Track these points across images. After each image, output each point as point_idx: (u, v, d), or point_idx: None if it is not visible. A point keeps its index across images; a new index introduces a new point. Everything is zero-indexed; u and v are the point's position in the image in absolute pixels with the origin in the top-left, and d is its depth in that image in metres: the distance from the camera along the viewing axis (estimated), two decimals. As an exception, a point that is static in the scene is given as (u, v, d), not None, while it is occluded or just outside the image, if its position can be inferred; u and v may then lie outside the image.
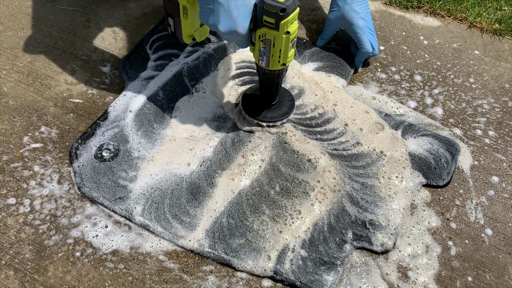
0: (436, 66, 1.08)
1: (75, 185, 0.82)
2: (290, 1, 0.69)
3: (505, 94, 1.04)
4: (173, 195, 0.82)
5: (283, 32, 0.71)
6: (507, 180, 0.90)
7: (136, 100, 0.93)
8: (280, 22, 0.70)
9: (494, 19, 1.17)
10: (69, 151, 0.86)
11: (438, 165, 0.89)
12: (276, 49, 0.74)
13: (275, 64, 0.77)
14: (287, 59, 0.76)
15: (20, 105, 0.92)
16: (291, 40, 0.73)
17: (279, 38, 0.72)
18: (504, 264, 0.80)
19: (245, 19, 0.71)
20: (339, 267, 0.75)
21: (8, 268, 0.73)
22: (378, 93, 1.01)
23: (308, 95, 0.98)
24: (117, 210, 0.79)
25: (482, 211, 0.85)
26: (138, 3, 1.15)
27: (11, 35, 1.04)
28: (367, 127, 0.93)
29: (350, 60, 1.06)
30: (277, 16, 0.69)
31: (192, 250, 0.76)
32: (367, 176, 0.86)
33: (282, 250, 0.76)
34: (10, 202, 0.80)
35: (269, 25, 0.71)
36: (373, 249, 0.78)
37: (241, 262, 0.75)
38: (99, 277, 0.73)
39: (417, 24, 1.18)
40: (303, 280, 0.74)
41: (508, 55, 1.13)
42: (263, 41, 0.74)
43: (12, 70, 0.98)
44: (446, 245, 0.81)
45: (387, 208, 0.82)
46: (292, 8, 0.69)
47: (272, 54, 0.75)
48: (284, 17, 0.69)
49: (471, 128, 0.97)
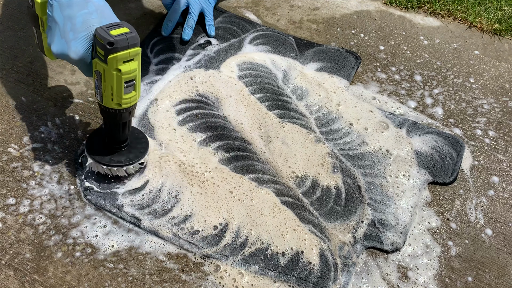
0: (436, 66, 1.08)
1: (81, 192, 0.82)
2: (123, 37, 0.64)
3: (505, 94, 1.04)
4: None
5: (112, 68, 0.66)
6: (507, 180, 0.90)
7: (139, 106, 0.93)
8: (108, 56, 0.65)
9: (494, 19, 1.17)
10: (73, 157, 0.86)
11: (444, 162, 0.89)
12: (107, 84, 0.69)
13: (109, 101, 0.71)
14: (121, 100, 0.70)
15: (20, 105, 0.92)
16: (124, 80, 0.68)
17: (109, 73, 0.67)
18: (504, 264, 0.79)
19: (81, 44, 0.66)
20: (351, 267, 0.76)
21: (8, 268, 0.73)
22: (378, 93, 1.01)
23: (312, 95, 0.98)
24: (125, 217, 0.79)
25: (482, 211, 0.85)
26: (138, 3, 1.15)
27: (11, 35, 1.04)
28: (372, 126, 0.93)
29: (351, 60, 1.06)
30: (105, 48, 0.65)
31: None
32: (374, 176, 0.86)
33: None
34: (10, 202, 0.80)
35: (100, 56, 0.67)
36: (383, 248, 0.78)
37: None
38: (99, 277, 0.73)
39: (417, 24, 1.18)
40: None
41: (508, 55, 1.13)
42: (96, 72, 0.69)
43: (12, 70, 0.98)
44: (446, 245, 0.81)
45: (395, 207, 0.83)
46: (122, 45, 0.65)
47: (104, 89, 0.70)
48: (111, 52, 0.65)
49: (471, 128, 0.97)
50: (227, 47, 1.06)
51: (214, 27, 1.09)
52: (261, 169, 0.86)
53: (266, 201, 0.81)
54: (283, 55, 1.06)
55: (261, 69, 1.02)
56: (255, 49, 1.07)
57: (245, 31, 1.10)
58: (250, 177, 0.85)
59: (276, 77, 1.02)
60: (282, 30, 1.13)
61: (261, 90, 0.98)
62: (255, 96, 0.97)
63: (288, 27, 1.14)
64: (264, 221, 0.79)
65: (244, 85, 0.99)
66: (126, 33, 0.65)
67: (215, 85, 0.98)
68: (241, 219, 0.79)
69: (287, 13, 1.17)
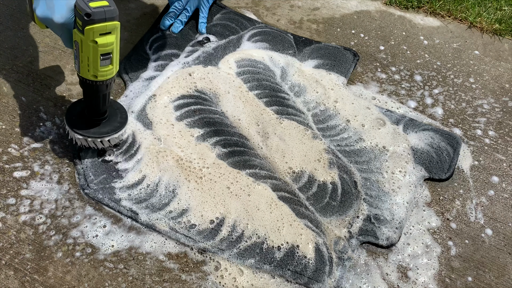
0: (436, 66, 1.08)
1: (79, 186, 0.82)
2: (100, 9, 0.66)
3: (505, 94, 1.04)
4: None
5: (89, 39, 0.68)
6: (507, 180, 0.90)
7: (137, 101, 0.93)
8: (85, 27, 0.67)
9: (494, 19, 1.17)
10: (72, 153, 0.86)
11: (440, 159, 0.90)
12: (84, 55, 0.71)
13: (85, 72, 0.73)
14: (98, 72, 0.72)
15: (20, 105, 0.92)
16: (101, 52, 0.70)
17: (85, 44, 0.69)
18: (504, 264, 0.79)
19: (64, 10, 0.70)
20: (346, 261, 0.76)
21: (8, 268, 0.73)
22: (378, 93, 1.02)
23: (309, 92, 0.98)
24: (123, 211, 0.79)
25: (482, 211, 0.85)
26: (138, 3, 1.15)
27: (11, 35, 1.04)
28: (369, 123, 0.94)
29: (349, 57, 1.06)
30: (83, 19, 0.66)
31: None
32: (370, 171, 0.86)
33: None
34: (10, 202, 0.80)
35: (78, 26, 0.69)
36: (378, 243, 0.79)
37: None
38: (99, 277, 0.73)
39: (417, 24, 1.18)
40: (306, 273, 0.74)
41: (508, 55, 1.13)
42: (74, 42, 0.71)
43: (12, 70, 0.98)
44: (446, 245, 0.81)
45: (391, 202, 0.83)
46: (99, 17, 0.66)
47: (82, 59, 0.72)
48: (89, 23, 0.66)
49: (471, 128, 0.97)
50: (226, 44, 1.07)
51: (206, 25, 1.09)
52: (258, 164, 0.87)
53: (263, 196, 0.82)
54: (281, 52, 1.06)
55: (259, 66, 1.02)
56: (253, 46, 1.07)
57: (244, 28, 1.11)
58: (247, 172, 0.85)
59: (274, 74, 1.02)
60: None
61: (259, 86, 0.99)
62: (253, 93, 0.97)
63: (288, 27, 1.14)
64: (261, 216, 0.80)
65: (242, 82, 0.99)
66: (104, 6, 0.67)
67: (213, 81, 0.98)
68: (238, 213, 0.80)
69: (287, 13, 1.17)
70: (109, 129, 0.82)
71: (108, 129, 0.82)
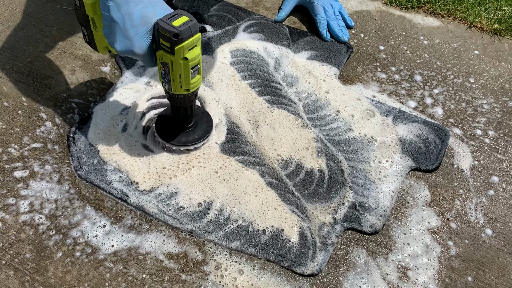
0: (436, 66, 1.08)
1: (72, 167, 0.83)
2: (185, 26, 0.65)
3: (505, 94, 1.04)
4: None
5: (179, 57, 0.68)
6: (507, 180, 0.90)
7: (132, 87, 0.95)
8: (174, 47, 0.66)
9: (494, 19, 1.17)
10: (67, 135, 0.87)
11: (427, 150, 0.91)
12: (175, 73, 0.71)
13: (178, 88, 0.73)
14: (189, 85, 0.73)
15: (20, 105, 0.92)
16: (191, 66, 0.70)
17: (176, 63, 0.69)
18: (504, 264, 0.80)
19: (143, 38, 0.68)
20: (330, 246, 0.77)
21: (8, 268, 0.73)
22: (378, 93, 1.02)
23: (302, 83, 1.00)
24: (113, 192, 0.81)
25: (482, 211, 0.85)
26: None
27: (11, 35, 1.04)
28: (359, 113, 0.95)
29: (343, 49, 1.08)
30: (171, 40, 0.66)
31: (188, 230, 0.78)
32: (357, 160, 0.88)
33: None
34: (10, 202, 0.80)
35: (165, 48, 0.68)
36: (362, 229, 0.80)
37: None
38: (99, 277, 0.73)
39: (417, 24, 1.18)
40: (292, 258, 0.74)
41: (508, 55, 1.13)
42: (162, 63, 0.71)
43: (12, 70, 0.98)
44: (446, 245, 0.81)
45: (377, 191, 0.84)
46: (187, 34, 0.66)
47: (173, 78, 0.71)
48: (178, 43, 0.66)
49: (471, 128, 0.97)
50: (222, 34, 1.08)
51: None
52: (248, 151, 0.88)
53: (250, 181, 0.83)
54: (276, 43, 1.07)
55: (254, 56, 1.04)
56: (248, 36, 1.08)
57: (240, 19, 1.12)
58: (237, 158, 0.86)
59: (268, 64, 1.03)
60: (282, 30, 1.13)
61: (252, 76, 1.00)
62: (246, 82, 0.98)
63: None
64: (247, 200, 0.81)
65: (236, 71, 1.00)
66: (187, 22, 0.66)
67: (207, 70, 1.00)
68: (225, 197, 0.81)
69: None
70: (200, 133, 0.86)
71: (200, 134, 0.86)
